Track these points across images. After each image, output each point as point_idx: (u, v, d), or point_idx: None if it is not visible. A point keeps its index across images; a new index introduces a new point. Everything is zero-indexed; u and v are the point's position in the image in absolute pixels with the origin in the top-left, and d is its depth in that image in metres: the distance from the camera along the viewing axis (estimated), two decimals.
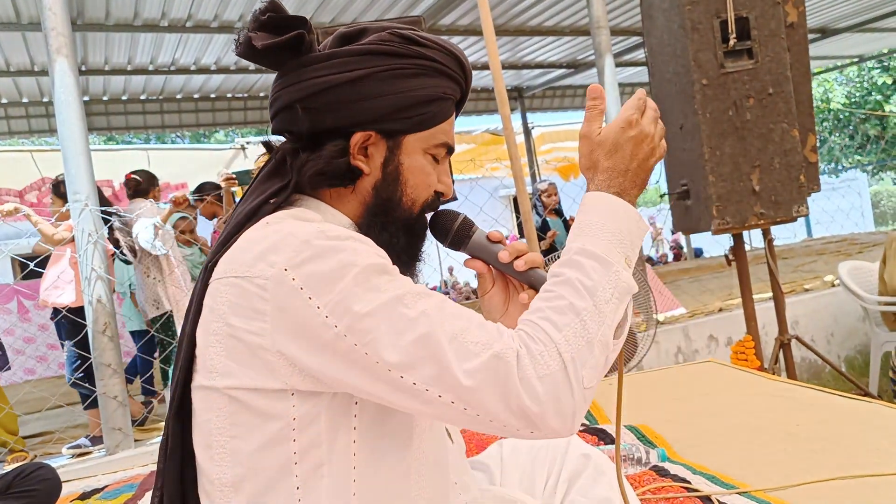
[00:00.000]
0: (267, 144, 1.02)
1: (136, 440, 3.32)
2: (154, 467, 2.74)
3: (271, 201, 0.92)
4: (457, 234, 1.00)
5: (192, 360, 0.88)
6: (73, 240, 3.62)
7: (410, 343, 0.77)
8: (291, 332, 0.79)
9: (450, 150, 1.00)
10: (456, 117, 1.02)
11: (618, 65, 8.82)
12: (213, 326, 0.84)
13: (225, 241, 0.89)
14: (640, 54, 8.99)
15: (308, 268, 0.79)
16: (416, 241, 0.99)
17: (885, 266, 4.07)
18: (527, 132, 10.98)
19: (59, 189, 3.88)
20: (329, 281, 0.79)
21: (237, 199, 4.27)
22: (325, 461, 0.83)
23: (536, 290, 0.98)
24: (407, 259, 0.97)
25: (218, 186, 4.39)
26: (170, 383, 0.88)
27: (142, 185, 4.16)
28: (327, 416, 0.83)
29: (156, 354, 4.21)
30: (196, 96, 8.65)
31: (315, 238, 0.81)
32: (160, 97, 8.45)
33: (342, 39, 0.94)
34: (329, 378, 0.80)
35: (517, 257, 0.97)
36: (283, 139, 1.00)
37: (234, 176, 4.18)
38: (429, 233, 1.02)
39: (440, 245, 1.03)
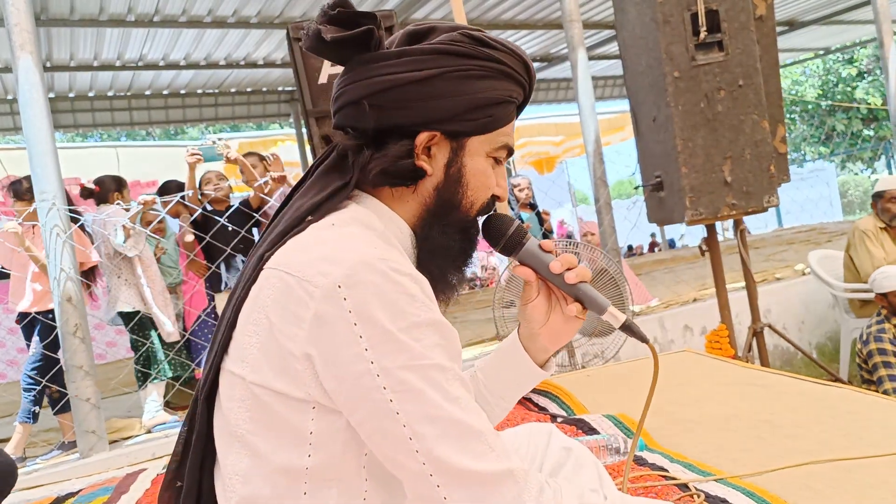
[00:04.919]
0: (327, 138, 1.01)
1: (110, 442, 3.28)
2: (129, 470, 2.70)
3: (331, 200, 0.91)
4: (511, 239, 1.00)
5: (229, 342, 0.87)
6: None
7: (440, 418, 0.77)
8: (323, 347, 0.78)
9: (510, 151, 1.00)
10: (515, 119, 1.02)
11: (591, 58, 8.87)
12: (254, 316, 0.84)
13: (284, 233, 0.88)
14: (613, 47, 9.04)
15: (361, 292, 0.78)
16: (470, 246, 0.99)
17: (849, 255, 4.16)
18: None
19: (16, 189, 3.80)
20: (381, 315, 0.77)
21: (197, 178, 4.23)
22: (336, 482, 0.83)
23: (583, 305, 0.99)
24: (459, 264, 0.97)
25: (181, 186, 4.34)
26: (203, 364, 0.89)
27: (99, 193, 4.08)
28: (344, 437, 0.82)
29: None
30: (165, 92, 8.51)
31: (377, 263, 0.79)
32: (128, 93, 8.30)
33: (411, 37, 0.94)
34: (339, 403, 0.80)
35: (568, 269, 0.98)
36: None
37: (199, 152, 4.14)
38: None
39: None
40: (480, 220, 1.00)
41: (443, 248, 0.94)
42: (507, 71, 0.94)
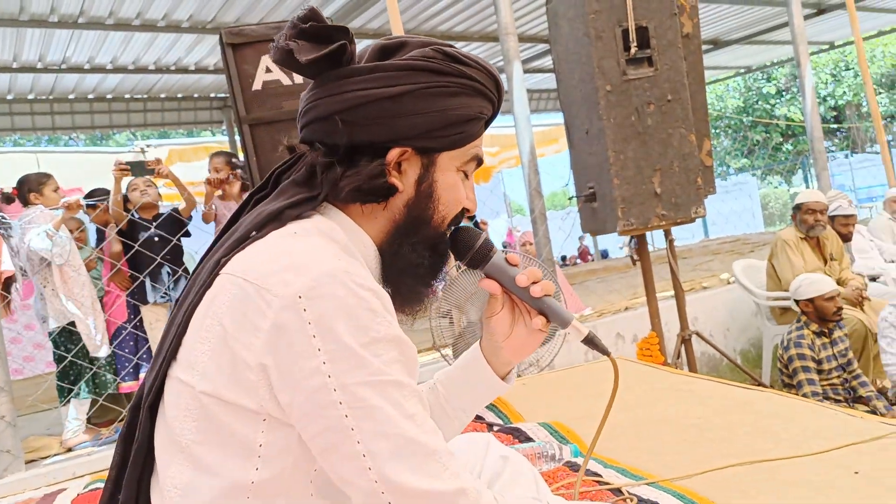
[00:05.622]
0: (291, 149, 0.97)
1: (27, 462, 3.10)
2: (47, 490, 2.57)
3: (296, 209, 0.89)
4: (478, 252, 0.99)
5: (178, 348, 0.84)
6: None
7: (395, 436, 0.76)
8: (279, 357, 0.76)
9: (479, 162, 0.99)
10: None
11: (526, 71, 9.02)
12: (206, 322, 0.81)
13: (243, 239, 0.86)
14: (547, 61, 9.22)
15: (323, 304, 0.76)
16: (440, 262, 0.98)
17: (772, 263, 4.35)
18: None
19: None
20: (341, 328, 0.76)
21: (125, 189, 4.05)
22: (282, 497, 0.81)
23: (547, 318, 1.00)
24: (429, 280, 0.96)
25: (108, 193, 4.17)
26: (149, 371, 0.85)
27: (19, 195, 3.88)
28: (295, 451, 0.80)
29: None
30: (91, 96, 8.19)
31: (341, 275, 0.78)
32: (50, 97, 7.96)
33: (382, 52, 0.92)
34: (292, 416, 0.78)
35: (533, 283, 0.98)
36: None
37: (127, 166, 3.97)
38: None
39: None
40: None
41: (413, 265, 0.93)
42: (478, 87, 0.94)
